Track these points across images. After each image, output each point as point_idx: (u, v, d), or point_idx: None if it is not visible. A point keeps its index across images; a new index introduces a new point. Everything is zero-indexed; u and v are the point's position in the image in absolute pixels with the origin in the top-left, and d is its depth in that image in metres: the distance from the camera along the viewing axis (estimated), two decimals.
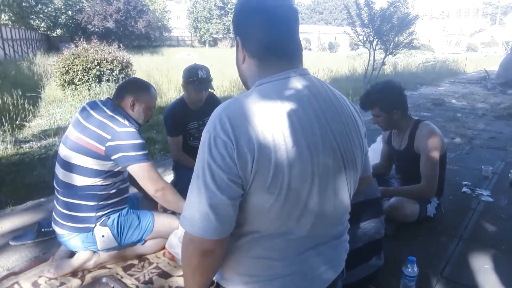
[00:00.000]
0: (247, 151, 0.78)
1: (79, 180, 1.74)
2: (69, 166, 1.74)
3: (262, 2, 0.90)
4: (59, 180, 1.79)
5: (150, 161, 1.78)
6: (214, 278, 1.02)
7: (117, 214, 1.85)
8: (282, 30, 0.90)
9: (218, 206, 0.80)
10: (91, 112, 1.77)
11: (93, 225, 1.78)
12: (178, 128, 2.61)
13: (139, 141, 1.76)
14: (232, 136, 0.79)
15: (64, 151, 1.77)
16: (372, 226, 1.67)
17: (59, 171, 1.79)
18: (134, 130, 1.76)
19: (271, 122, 0.81)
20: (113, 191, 1.82)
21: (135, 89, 1.88)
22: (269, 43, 0.90)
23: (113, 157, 1.71)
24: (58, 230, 1.82)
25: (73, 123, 1.79)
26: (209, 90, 2.55)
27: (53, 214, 1.86)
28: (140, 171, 1.74)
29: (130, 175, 1.84)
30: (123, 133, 1.72)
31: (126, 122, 1.76)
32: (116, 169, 1.78)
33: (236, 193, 0.81)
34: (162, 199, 1.80)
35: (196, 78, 2.44)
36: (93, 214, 1.78)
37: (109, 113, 1.77)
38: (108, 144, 1.69)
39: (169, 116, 2.60)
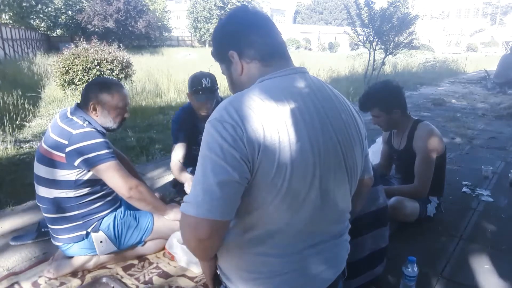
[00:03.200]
0: (254, 139, 0.80)
1: (51, 194, 1.67)
2: (40, 180, 1.69)
3: (243, 14, 0.97)
4: (36, 195, 1.74)
5: (117, 160, 1.67)
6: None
7: (112, 217, 1.82)
8: (268, 31, 0.96)
9: (228, 184, 0.78)
10: (57, 120, 1.68)
11: (84, 232, 1.75)
12: (185, 136, 2.42)
13: (100, 140, 1.63)
14: (240, 123, 0.80)
15: (35, 165, 1.70)
16: (380, 234, 1.68)
17: (36, 187, 1.73)
18: (93, 129, 1.65)
19: (275, 116, 0.83)
20: (92, 197, 1.74)
21: (94, 91, 1.72)
22: (263, 43, 0.94)
23: (75, 163, 1.59)
24: (54, 242, 1.81)
25: (44, 136, 1.71)
26: (215, 100, 2.36)
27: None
28: (107, 171, 1.62)
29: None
30: (80, 135, 1.60)
31: (85, 124, 1.65)
32: (86, 178, 1.66)
33: (246, 174, 0.80)
34: (139, 198, 1.69)
35: (200, 87, 2.28)
36: (80, 222, 1.73)
37: (69, 116, 1.66)
38: (67, 150, 1.58)
39: (177, 125, 2.44)
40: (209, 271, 1.03)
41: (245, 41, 0.94)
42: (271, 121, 0.82)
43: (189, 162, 2.46)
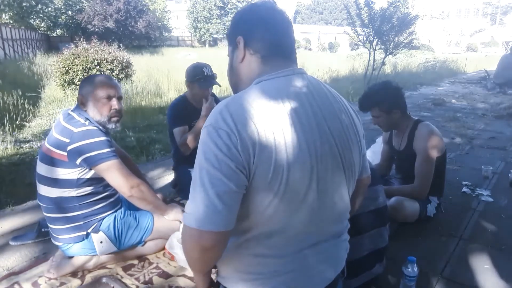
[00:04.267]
0: (249, 145, 0.80)
1: (52, 193, 1.67)
2: (41, 179, 1.69)
3: (265, 9, 0.97)
4: (38, 194, 1.74)
5: (118, 159, 1.67)
6: (215, 279, 1.02)
7: (112, 217, 1.81)
8: (282, 32, 0.97)
9: (226, 195, 0.79)
10: (60, 119, 1.69)
11: (84, 232, 1.75)
12: (182, 120, 2.57)
13: (102, 138, 1.62)
14: (234, 130, 0.80)
15: (37, 164, 1.71)
16: (378, 234, 1.67)
17: (37, 186, 1.73)
18: (95, 128, 1.65)
19: (271, 118, 0.83)
20: (94, 198, 1.74)
21: (81, 86, 1.74)
22: (272, 41, 0.95)
23: (77, 162, 1.60)
24: (54, 242, 1.81)
25: (48, 136, 1.72)
26: (215, 85, 2.56)
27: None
28: (108, 169, 1.62)
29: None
30: (81, 133, 1.60)
31: (86, 122, 1.65)
32: (88, 176, 1.67)
33: (243, 182, 0.81)
34: (140, 197, 1.69)
35: (202, 76, 2.47)
36: (80, 223, 1.73)
37: (71, 114, 1.68)
38: (69, 148, 1.58)
39: (172, 111, 2.59)
40: (203, 284, 1.01)
41: (255, 33, 0.95)
42: (267, 125, 0.82)
43: (187, 161, 2.50)
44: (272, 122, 0.82)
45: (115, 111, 1.77)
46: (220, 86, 2.68)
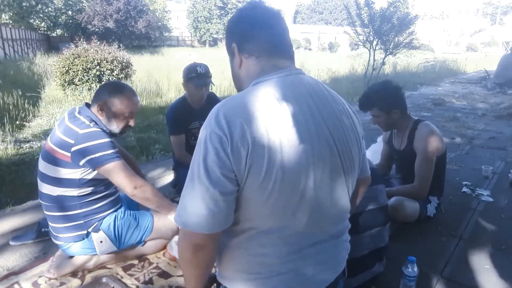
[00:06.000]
0: (241, 146, 0.80)
1: (54, 192, 1.68)
2: (43, 177, 1.70)
3: (252, 8, 0.97)
4: (39, 191, 1.75)
5: (122, 160, 1.69)
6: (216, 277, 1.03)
7: (113, 217, 1.82)
8: (275, 31, 0.97)
9: (210, 201, 0.81)
10: (65, 118, 1.70)
11: (85, 232, 1.75)
12: (181, 126, 2.60)
13: (106, 140, 1.64)
14: (227, 132, 0.81)
15: (39, 162, 1.72)
16: (379, 233, 1.68)
17: (39, 183, 1.74)
18: (99, 129, 1.66)
19: (265, 118, 0.83)
20: (95, 197, 1.75)
21: (105, 92, 1.75)
22: (265, 41, 0.95)
23: (81, 163, 1.61)
24: (54, 241, 1.81)
25: (50, 134, 1.73)
26: (210, 85, 2.57)
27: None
28: (112, 170, 1.65)
29: None
30: (86, 134, 1.61)
31: (91, 124, 1.66)
32: (90, 177, 1.68)
33: (229, 188, 0.82)
34: (142, 196, 1.72)
35: (195, 74, 2.47)
36: (81, 222, 1.74)
37: (77, 115, 1.68)
38: (73, 149, 1.60)
39: (171, 115, 2.60)
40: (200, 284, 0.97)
41: (245, 36, 0.96)
42: (261, 126, 0.82)
43: (188, 152, 2.60)
44: (266, 122, 0.82)
45: (129, 127, 1.82)
46: (214, 85, 2.70)
